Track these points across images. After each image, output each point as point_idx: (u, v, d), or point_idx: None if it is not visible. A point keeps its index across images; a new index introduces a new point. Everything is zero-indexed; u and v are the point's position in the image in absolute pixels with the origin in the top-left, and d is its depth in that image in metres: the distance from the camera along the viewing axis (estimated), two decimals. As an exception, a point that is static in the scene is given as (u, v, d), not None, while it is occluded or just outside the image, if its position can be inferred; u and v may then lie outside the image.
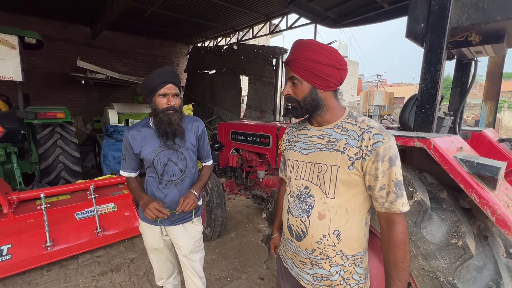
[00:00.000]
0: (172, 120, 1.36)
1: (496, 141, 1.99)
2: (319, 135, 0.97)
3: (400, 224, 0.84)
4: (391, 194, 0.84)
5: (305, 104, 0.94)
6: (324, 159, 0.92)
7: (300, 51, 0.91)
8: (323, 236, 0.92)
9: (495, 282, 0.97)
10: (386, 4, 2.46)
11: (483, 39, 1.52)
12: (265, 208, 2.52)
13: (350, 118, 0.94)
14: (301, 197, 0.97)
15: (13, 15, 6.69)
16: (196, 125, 1.54)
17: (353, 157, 0.87)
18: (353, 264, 0.94)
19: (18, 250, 2.39)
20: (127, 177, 1.50)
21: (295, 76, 0.92)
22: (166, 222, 1.49)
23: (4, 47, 3.21)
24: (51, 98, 7.47)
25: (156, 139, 1.42)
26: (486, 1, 1.33)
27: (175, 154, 1.45)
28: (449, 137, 1.25)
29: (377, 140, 0.84)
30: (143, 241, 1.60)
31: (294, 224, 0.99)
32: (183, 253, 1.55)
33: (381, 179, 0.84)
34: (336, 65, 0.89)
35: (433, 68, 1.47)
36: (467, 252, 0.98)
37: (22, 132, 3.80)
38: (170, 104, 1.36)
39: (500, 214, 0.92)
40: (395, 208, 0.84)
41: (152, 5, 6.09)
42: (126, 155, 1.46)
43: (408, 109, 1.77)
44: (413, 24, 1.55)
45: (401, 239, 0.84)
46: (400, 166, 0.85)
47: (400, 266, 0.83)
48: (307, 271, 0.99)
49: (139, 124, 1.48)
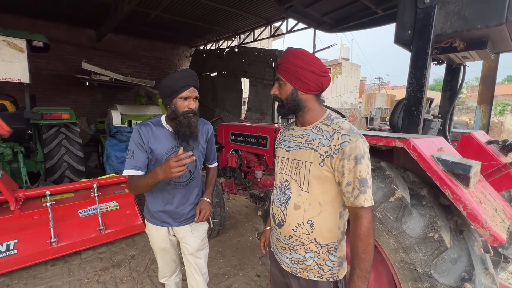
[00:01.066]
0: (192, 123, 1.35)
1: (484, 143, 2.05)
2: (300, 134, 1.08)
3: (364, 218, 0.92)
4: (355, 190, 0.91)
5: (287, 104, 1.05)
6: (301, 156, 1.03)
7: (287, 57, 1.03)
8: (298, 224, 1.03)
9: (468, 273, 1.04)
10: (380, 10, 2.55)
11: (467, 46, 1.60)
12: (260, 208, 2.59)
13: (328, 120, 1.03)
14: (282, 189, 1.09)
15: (20, 18, 6.87)
16: (207, 127, 1.56)
17: (323, 154, 0.96)
18: (327, 252, 1.02)
19: (24, 245, 2.49)
20: (132, 176, 1.33)
21: (281, 77, 1.05)
22: (174, 223, 1.50)
23: (13, 50, 3.34)
24: (56, 99, 7.63)
25: (170, 139, 1.40)
26: (468, 10, 1.40)
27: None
28: (431, 138, 1.32)
29: (344, 140, 0.92)
30: (150, 241, 1.62)
31: (276, 213, 1.12)
32: (190, 252, 1.56)
33: (347, 175, 0.91)
34: (316, 71, 0.99)
35: (419, 72, 1.55)
36: (442, 245, 1.05)
37: (28, 132, 3.92)
38: (191, 107, 1.35)
39: (471, 209, 0.99)
40: (357, 203, 0.91)
41: (156, 9, 6.23)
42: (136, 152, 1.34)
43: (397, 111, 1.85)
44: (400, 31, 1.64)
45: (364, 232, 0.91)
46: (366, 165, 0.92)
47: (362, 256, 0.91)
48: (286, 255, 1.10)
49: (151, 121, 1.43)
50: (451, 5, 1.45)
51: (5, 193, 2.51)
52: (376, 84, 29.94)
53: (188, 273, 1.62)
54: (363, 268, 0.91)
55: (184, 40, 9.47)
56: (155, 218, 1.52)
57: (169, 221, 1.50)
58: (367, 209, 0.92)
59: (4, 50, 3.28)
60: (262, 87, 7.39)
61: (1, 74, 3.29)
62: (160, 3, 5.86)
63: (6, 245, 2.43)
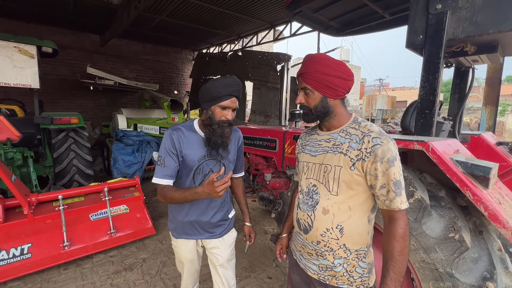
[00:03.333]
0: (225, 133, 1.31)
1: (494, 144, 2.08)
2: (327, 139, 1.07)
3: (400, 220, 0.91)
4: (391, 193, 0.90)
5: (316, 111, 1.04)
6: (329, 160, 1.02)
7: (312, 64, 1.02)
8: (326, 229, 1.01)
9: (489, 272, 1.06)
10: (387, 14, 2.58)
11: (478, 49, 1.63)
12: (273, 209, 2.62)
13: (355, 123, 1.03)
14: (309, 194, 1.08)
15: (26, 25, 6.96)
16: (238, 135, 1.52)
17: (354, 158, 0.96)
18: (356, 258, 1.00)
19: (38, 249, 2.52)
20: (164, 186, 1.27)
21: (308, 87, 1.03)
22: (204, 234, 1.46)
23: (24, 56, 3.39)
24: (62, 104, 7.69)
25: (202, 146, 1.35)
26: (480, 16, 1.44)
27: (218, 165, 1.40)
28: (447, 141, 1.35)
29: (375, 143, 0.92)
30: (175, 253, 1.57)
31: (302, 218, 1.09)
32: (220, 263, 1.50)
33: (381, 178, 0.91)
34: (344, 76, 1.00)
35: (432, 76, 1.58)
36: (463, 245, 1.08)
37: (38, 137, 3.96)
38: (228, 118, 1.30)
39: (492, 210, 1.02)
40: (394, 206, 0.91)
41: (161, 14, 6.30)
42: (167, 159, 1.28)
43: (409, 114, 1.88)
44: (412, 35, 1.67)
45: (400, 233, 0.90)
46: (399, 167, 0.92)
47: (397, 258, 0.89)
48: (313, 261, 1.08)
49: (183, 126, 1.38)
50: (463, 11, 1.49)
51: (18, 198, 2.54)
52: (376, 86, 30.03)
53: (215, 285, 1.57)
54: (398, 271, 0.89)
55: (187, 44, 9.56)
56: (184, 231, 1.46)
57: (198, 233, 1.46)
58: (403, 211, 0.91)
59: (16, 56, 3.33)
60: (266, 90, 7.43)
61: (12, 79, 3.34)
62: (166, 7, 5.93)
63: (21, 249, 2.46)
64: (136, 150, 5.01)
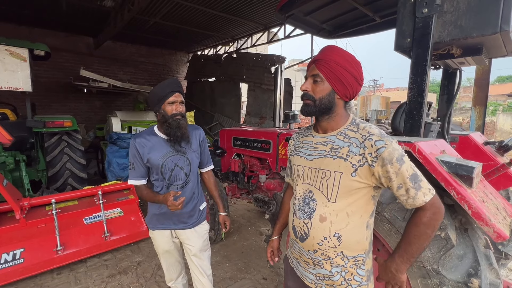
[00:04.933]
0: (181, 124, 1.47)
1: (482, 144, 2.13)
2: (323, 142, 1.01)
3: (427, 211, 0.86)
4: (410, 190, 0.86)
5: (321, 104, 0.96)
6: (328, 165, 0.96)
7: (330, 53, 0.95)
8: (324, 238, 0.96)
9: (474, 269, 1.09)
10: (377, 18, 2.64)
11: (464, 52, 1.68)
12: (267, 210, 2.63)
13: (353, 125, 0.98)
14: (305, 200, 1.02)
15: (18, 27, 6.88)
16: (198, 132, 1.66)
17: (356, 164, 0.90)
18: (355, 266, 0.97)
19: (30, 254, 2.49)
20: (137, 185, 1.54)
21: (320, 74, 0.95)
22: (176, 225, 1.61)
23: (16, 59, 3.36)
24: (54, 107, 7.61)
25: (164, 146, 1.51)
26: (464, 20, 1.49)
27: (182, 159, 1.54)
28: (434, 141, 1.39)
29: (379, 146, 0.87)
30: (154, 246, 1.69)
31: (298, 226, 1.04)
32: (193, 253, 1.64)
33: (395, 179, 0.87)
34: (358, 78, 0.95)
35: (419, 78, 1.62)
36: (449, 243, 1.11)
37: (30, 141, 3.92)
38: (178, 110, 1.47)
39: (475, 208, 1.05)
40: (419, 202, 0.86)
41: (155, 17, 6.30)
42: (135, 163, 1.50)
43: (398, 115, 1.92)
44: (400, 38, 1.71)
45: (424, 221, 0.85)
46: (408, 161, 0.88)
47: (412, 240, 0.86)
48: (310, 270, 1.04)
49: (145, 132, 1.55)
50: (448, 15, 1.53)
51: (10, 202, 2.52)
52: (371, 87, 30.33)
53: (193, 276, 1.70)
54: (409, 251, 0.87)
55: (181, 46, 9.55)
56: (159, 221, 1.60)
57: (170, 224, 1.60)
58: (431, 201, 0.86)
59: (7, 59, 3.30)
60: (261, 92, 7.46)
61: (4, 83, 3.30)
62: (159, 10, 5.93)
63: (13, 254, 2.43)
64: (130, 153, 4.97)
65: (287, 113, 3.43)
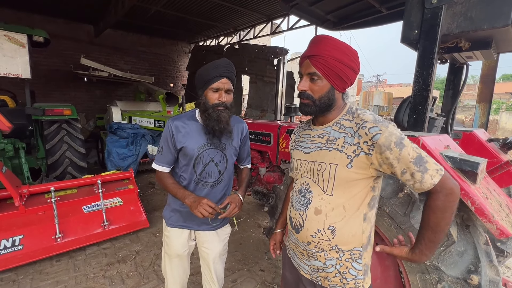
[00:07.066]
0: (221, 118, 1.25)
1: (485, 141, 2.10)
2: (320, 134, 0.99)
3: (439, 193, 0.81)
4: (416, 174, 0.81)
5: (321, 103, 0.92)
6: (323, 157, 0.94)
7: (325, 47, 0.88)
8: (317, 230, 0.95)
9: (474, 265, 1.08)
10: (384, 9, 2.57)
11: (472, 46, 1.63)
12: (266, 203, 2.63)
13: (348, 114, 0.94)
14: (302, 192, 1.01)
15: (17, 13, 6.77)
16: (242, 126, 1.46)
17: (351, 155, 0.87)
18: (350, 259, 0.94)
19: (30, 241, 2.50)
20: (160, 172, 1.36)
21: (317, 72, 0.89)
22: (198, 226, 1.44)
23: (14, 45, 3.30)
24: (54, 95, 7.56)
25: (202, 135, 1.32)
26: (474, 11, 1.44)
27: (218, 154, 1.36)
28: (438, 136, 1.36)
29: (374, 133, 0.83)
30: (164, 245, 1.53)
31: (294, 217, 1.04)
32: (212, 257, 1.47)
33: (397, 165, 0.82)
34: (355, 69, 0.90)
35: (425, 72, 1.58)
36: (450, 239, 1.10)
37: (29, 128, 3.90)
38: (222, 100, 1.25)
39: (479, 204, 1.03)
40: (427, 185, 0.81)
41: (156, 5, 6.18)
42: (164, 148, 1.33)
43: (402, 110, 1.89)
44: (407, 30, 1.67)
45: (438, 205, 0.81)
46: (410, 144, 0.83)
47: (433, 228, 0.82)
48: (305, 262, 1.03)
49: (184, 116, 1.36)
50: (458, 6, 1.48)
51: (9, 189, 2.51)
52: (373, 82, 30.06)
53: (205, 279, 1.56)
54: (435, 240, 0.83)
55: (183, 36, 9.41)
56: (179, 220, 1.44)
57: (193, 224, 1.44)
58: (440, 182, 0.80)
59: (5, 45, 3.25)
60: (263, 84, 7.39)
61: (2, 69, 3.26)
62: (161, -2, 5.82)
63: (12, 240, 2.44)
64: (130, 143, 4.97)
65: (289, 106, 3.39)
